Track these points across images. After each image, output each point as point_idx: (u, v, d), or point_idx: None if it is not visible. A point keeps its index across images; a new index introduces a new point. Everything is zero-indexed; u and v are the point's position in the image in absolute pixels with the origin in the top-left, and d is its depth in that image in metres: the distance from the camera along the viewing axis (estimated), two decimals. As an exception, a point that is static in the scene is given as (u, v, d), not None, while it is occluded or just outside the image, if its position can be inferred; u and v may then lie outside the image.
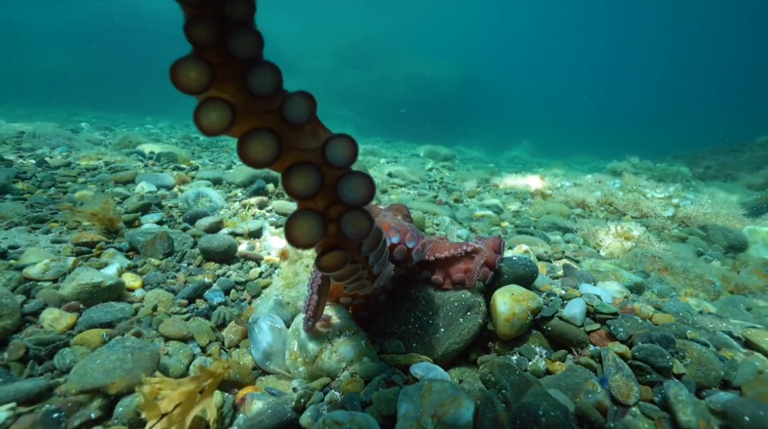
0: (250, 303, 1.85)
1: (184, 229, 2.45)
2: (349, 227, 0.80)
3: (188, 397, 1.11)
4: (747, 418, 1.12)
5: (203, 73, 0.65)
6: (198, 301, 1.79)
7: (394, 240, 1.34)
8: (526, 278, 1.67)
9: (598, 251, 3.06)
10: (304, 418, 1.11)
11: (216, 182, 3.78)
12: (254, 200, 3.13)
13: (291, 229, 0.75)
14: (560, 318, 1.54)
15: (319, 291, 1.24)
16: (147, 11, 28.01)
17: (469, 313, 1.48)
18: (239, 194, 3.43)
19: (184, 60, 0.65)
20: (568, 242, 3.20)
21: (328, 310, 1.45)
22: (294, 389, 1.29)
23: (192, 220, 2.60)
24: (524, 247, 2.66)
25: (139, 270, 1.93)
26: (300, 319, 1.42)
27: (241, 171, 3.83)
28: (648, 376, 1.31)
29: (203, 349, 1.52)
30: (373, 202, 2.10)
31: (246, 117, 0.72)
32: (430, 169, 7.39)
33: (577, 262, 2.65)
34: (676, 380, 1.30)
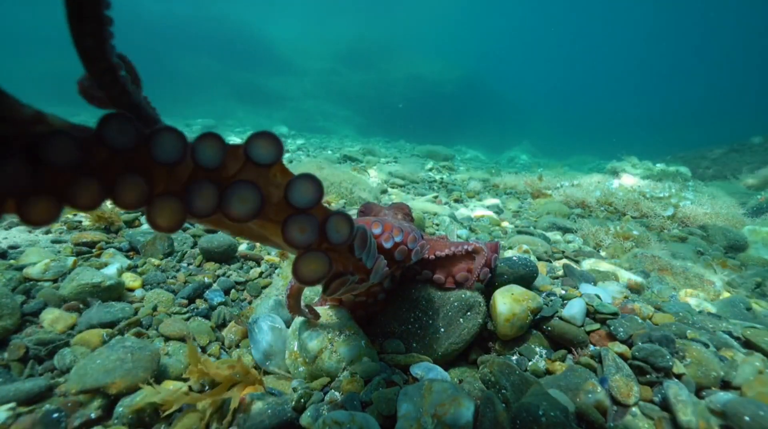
0: (250, 303, 1.85)
1: (184, 229, 2.45)
2: (332, 233, 0.78)
3: (226, 380, 1.23)
4: (747, 418, 1.12)
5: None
6: (198, 301, 1.79)
7: (397, 239, 1.34)
8: (526, 278, 1.67)
9: (598, 251, 3.06)
10: (304, 418, 1.11)
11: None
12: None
13: (287, 234, 0.72)
14: (560, 318, 1.54)
15: None
16: (147, 11, 28.03)
17: (469, 313, 1.48)
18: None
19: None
20: (568, 242, 3.20)
21: (328, 310, 1.45)
22: (294, 389, 1.29)
23: (192, 220, 2.59)
24: (524, 247, 2.66)
25: (139, 270, 1.93)
26: (300, 319, 1.42)
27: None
28: (648, 376, 1.31)
29: (203, 349, 1.52)
30: (374, 202, 2.09)
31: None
32: (430, 169, 7.39)
33: (577, 262, 2.65)
34: (676, 380, 1.30)
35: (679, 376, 1.32)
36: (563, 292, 1.74)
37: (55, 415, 1.10)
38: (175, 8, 29.14)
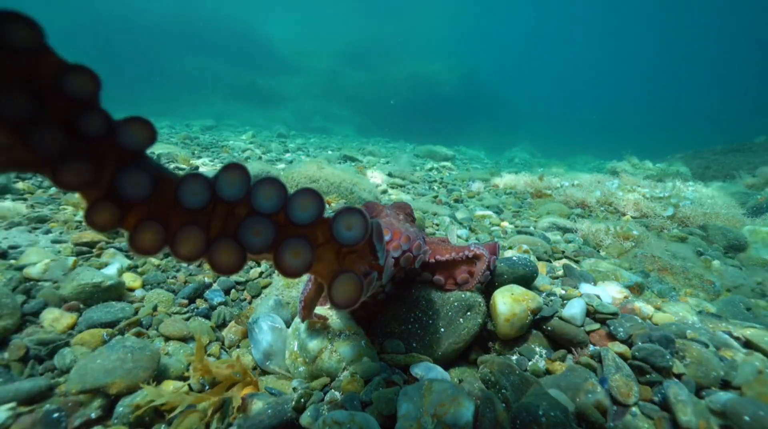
0: (250, 303, 1.85)
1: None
2: (342, 231, 0.76)
3: (227, 379, 1.26)
4: (747, 418, 1.12)
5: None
6: (198, 301, 1.79)
7: (405, 247, 1.34)
8: (526, 278, 1.67)
9: (598, 251, 3.06)
10: (304, 418, 1.12)
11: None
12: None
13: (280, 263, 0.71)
14: (560, 318, 1.54)
15: (315, 282, 1.23)
16: (147, 11, 28.03)
17: (469, 313, 1.48)
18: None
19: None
20: (568, 242, 3.20)
21: (328, 310, 1.45)
22: (294, 389, 1.29)
23: (192, 220, 2.59)
24: (524, 247, 2.66)
25: (139, 270, 1.93)
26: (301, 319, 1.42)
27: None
28: (648, 376, 1.31)
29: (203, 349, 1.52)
30: (374, 201, 2.09)
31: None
32: (430, 169, 7.39)
33: (577, 262, 2.65)
34: (676, 380, 1.30)
35: (679, 376, 1.32)
36: (563, 292, 1.74)
37: (56, 415, 1.10)
38: (174, 8, 29.16)
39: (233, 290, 1.91)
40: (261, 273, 2.07)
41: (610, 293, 1.86)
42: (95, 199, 0.61)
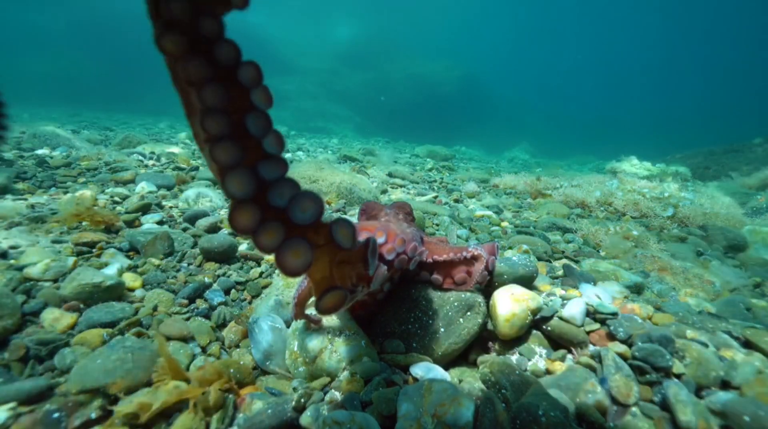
0: (250, 303, 1.85)
1: (185, 229, 2.45)
2: (339, 236, 0.79)
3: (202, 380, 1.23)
4: (747, 418, 1.12)
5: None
6: (198, 301, 1.79)
7: (399, 249, 1.34)
8: (526, 278, 1.67)
9: (598, 251, 3.06)
10: (304, 418, 1.12)
11: (216, 182, 3.77)
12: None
13: (281, 260, 0.74)
14: (560, 318, 1.54)
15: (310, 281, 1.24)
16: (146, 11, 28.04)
17: (469, 313, 1.49)
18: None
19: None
20: (568, 242, 3.20)
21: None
22: (294, 389, 1.29)
23: (192, 220, 2.60)
24: (524, 247, 2.66)
25: (139, 270, 1.93)
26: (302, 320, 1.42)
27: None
28: (648, 376, 1.31)
29: (203, 349, 1.52)
30: (374, 201, 2.08)
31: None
32: (430, 169, 7.39)
33: (577, 262, 2.65)
34: (675, 380, 1.30)
35: (678, 376, 1.32)
36: (563, 292, 1.74)
37: (56, 415, 1.10)
38: (175, 8, 29.03)
39: (233, 290, 1.91)
40: (261, 273, 2.07)
41: (610, 293, 1.86)
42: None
